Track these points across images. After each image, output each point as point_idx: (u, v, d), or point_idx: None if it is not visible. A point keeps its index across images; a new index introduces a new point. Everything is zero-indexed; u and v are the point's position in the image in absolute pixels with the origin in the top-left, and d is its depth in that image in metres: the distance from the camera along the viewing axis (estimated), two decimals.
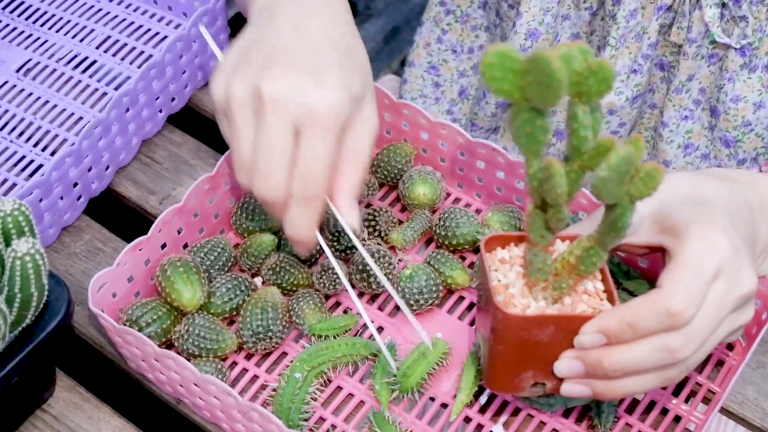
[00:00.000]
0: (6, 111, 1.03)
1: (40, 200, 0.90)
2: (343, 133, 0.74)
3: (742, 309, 0.72)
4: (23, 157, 1.00)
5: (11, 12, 1.12)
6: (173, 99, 1.03)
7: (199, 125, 1.05)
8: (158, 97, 1.01)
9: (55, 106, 1.04)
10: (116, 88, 1.04)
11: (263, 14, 0.78)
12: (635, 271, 0.86)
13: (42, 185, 0.89)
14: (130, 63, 1.07)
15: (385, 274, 0.87)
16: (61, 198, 0.93)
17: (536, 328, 0.70)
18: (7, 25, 1.11)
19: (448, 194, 0.97)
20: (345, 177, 0.75)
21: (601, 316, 0.70)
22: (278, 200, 0.74)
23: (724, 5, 0.92)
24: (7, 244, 0.74)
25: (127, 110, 0.97)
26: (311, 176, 0.73)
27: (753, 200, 0.77)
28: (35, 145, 1.01)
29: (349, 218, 0.76)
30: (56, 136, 1.01)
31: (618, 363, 0.69)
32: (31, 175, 0.98)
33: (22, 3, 1.12)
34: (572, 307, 0.71)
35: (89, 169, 0.95)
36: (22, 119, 1.03)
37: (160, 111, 1.02)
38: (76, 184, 0.94)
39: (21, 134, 1.02)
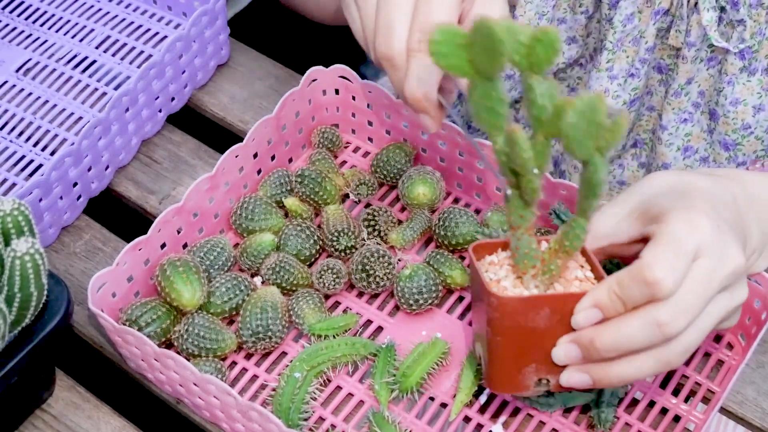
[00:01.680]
0: (6, 111, 1.03)
1: (40, 200, 0.90)
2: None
3: (734, 288, 0.73)
4: (23, 157, 1.00)
5: (11, 12, 1.12)
6: (173, 99, 1.03)
7: (199, 125, 1.05)
8: (158, 97, 1.01)
9: (54, 105, 1.04)
10: (116, 88, 1.04)
11: None
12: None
13: (41, 185, 0.89)
14: (130, 63, 1.07)
15: (384, 274, 0.87)
16: (61, 198, 0.93)
17: (532, 311, 0.71)
18: (7, 24, 1.11)
19: (448, 194, 0.97)
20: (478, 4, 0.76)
21: (592, 290, 0.71)
22: (400, 55, 0.75)
23: (722, 9, 0.91)
24: (7, 243, 0.74)
25: (127, 110, 0.97)
26: (431, 22, 0.73)
27: (739, 196, 0.77)
28: (35, 145, 1.01)
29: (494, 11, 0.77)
30: (56, 135, 1.01)
31: (610, 341, 0.70)
32: (31, 175, 0.98)
33: (22, 3, 1.12)
34: (564, 290, 0.72)
35: (89, 169, 0.95)
36: (22, 119, 1.03)
37: (160, 111, 1.02)
38: (75, 184, 0.94)
39: (21, 134, 1.02)
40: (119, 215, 0.99)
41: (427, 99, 0.77)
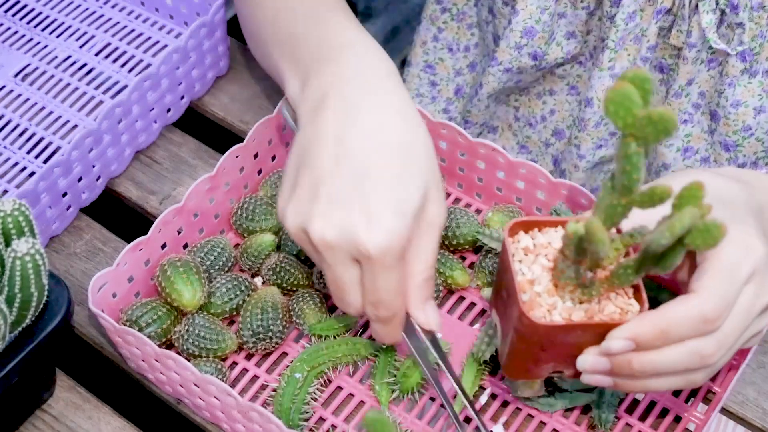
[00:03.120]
0: (2, 116, 1.02)
1: None
2: (406, 251, 0.72)
3: (764, 315, 0.72)
4: (16, 164, 0.99)
5: (13, 15, 1.11)
6: (169, 110, 1.02)
7: (199, 126, 1.05)
8: (153, 108, 0.99)
9: (51, 112, 1.03)
10: (113, 97, 1.03)
11: (309, 117, 0.75)
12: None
13: (29, 194, 0.88)
14: (129, 71, 1.06)
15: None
16: (50, 207, 0.92)
17: (561, 333, 0.69)
18: (9, 28, 1.10)
19: (449, 194, 0.97)
20: (413, 288, 0.74)
21: (633, 324, 0.68)
22: (361, 316, 0.76)
23: (722, 12, 0.91)
24: (7, 244, 0.74)
25: (120, 121, 0.96)
26: (383, 305, 0.73)
27: (765, 204, 0.75)
28: (29, 152, 1.00)
29: (427, 323, 0.76)
30: (50, 143, 1.00)
31: (649, 365, 0.68)
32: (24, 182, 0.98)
33: (24, 6, 1.11)
34: (601, 307, 0.69)
35: (79, 180, 0.94)
36: (18, 125, 1.02)
37: (155, 122, 1.01)
38: (65, 194, 0.94)
39: (15, 141, 1.01)
40: (120, 215, 0.99)
41: (393, 343, 0.78)
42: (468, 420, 0.83)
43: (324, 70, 0.77)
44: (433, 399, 0.85)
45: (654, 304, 0.80)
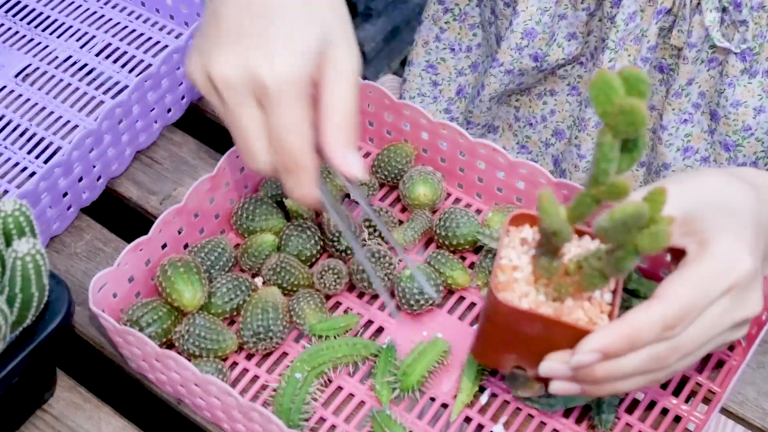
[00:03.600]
0: (2, 116, 1.03)
1: None
2: (315, 89, 0.72)
3: (739, 328, 0.71)
4: (16, 164, 0.99)
5: (14, 15, 1.11)
6: (169, 110, 1.02)
7: (199, 126, 1.05)
8: (153, 109, 0.99)
9: (51, 113, 1.03)
10: (113, 97, 1.03)
11: None
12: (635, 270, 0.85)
13: (30, 195, 0.88)
14: (129, 71, 1.06)
15: (385, 275, 0.87)
16: (50, 207, 0.92)
17: (524, 320, 0.70)
18: (9, 28, 1.10)
19: (449, 194, 0.97)
20: (330, 131, 0.72)
21: (601, 335, 0.67)
22: (271, 173, 0.73)
23: (724, 10, 0.91)
24: (8, 244, 0.74)
25: (120, 121, 0.96)
26: (286, 148, 0.71)
27: None
28: (29, 153, 1.00)
29: (348, 170, 0.73)
30: (50, 143, 1.00)
31: (610, 373, 0.68)
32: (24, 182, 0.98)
33: (25, 6, 1.12)
34: (569, 310, 0.70)
35: (80, 180, 0.94)
36: (18, 125, 1.02)
37: (156, 122, 1.01)
38: (65, 194, 0.94)
39: (15, 141, 1.01)
40: (120, 216, 0.99)
41: (310, 202, 0.75)
42: (468, 420, 0.84)
43: None
44: (433, 399, 0.85)
45: (631, 295, 0.80)
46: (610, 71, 0.61)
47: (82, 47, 1.08)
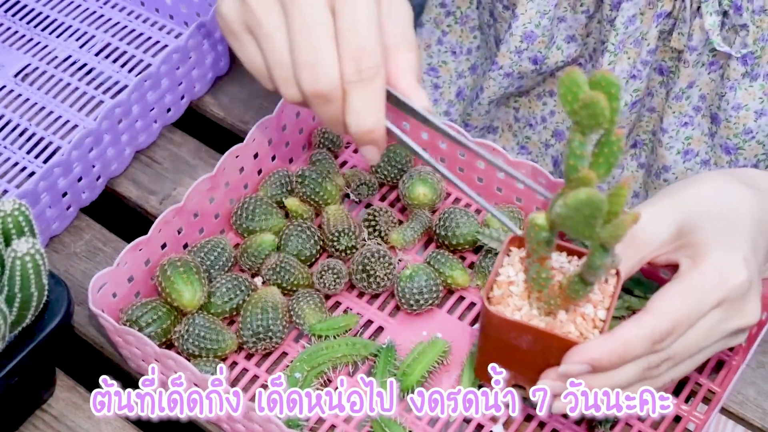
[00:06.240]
0: (2, 116, 1.03)
1: None
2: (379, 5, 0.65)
3: (735, 336, 0.71)
4: (16, 164, 0.99)
5: (13, 15, 1.11)
6: (169, 110, 1.02)
7: (199, 125, 1.05)
8: (153, 108, 0.99)
9: (51, 113, 1.03)
10: (113, 97, 1.03)
11: None
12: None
13: (29, 194, 0.88)
14: (129, 71, 1.06)
15: (384, 274, 0.87)
16: (50, 207, 0.92)
17: (515, 332, 0.69)
18: (9, 28, 1.10)
19: (448, 194, 0.97)
20: (399, 57, 0.67)
21: (590, 347, 0.67)
22: (334, 90, 0.65)
23: (725, 13, 0.91)
24: (7, 244, 0.74)
25: (120, 121, 0.96)
26: (362, 47, 0.64)
27: None
28: (29, 152, 1.00)
29: (420, 100, 0.68)
30: (50, 143, 1.00)
31: (602, 384, 0.68)
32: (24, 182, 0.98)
33: (24, 6, 1.12)
34: (562, 324, 0.69)
35: (79, 179, 0.94)
36: (18, 125, 1.02)
37: (155, 122, 1.01)
38: (65, 194, 0.94)
39: (15, 141, 1.01)
40: (120, 215, 0.99)
41: (376, 129, 0.68)
42: (468, 420, 0.84)
43: None
44: (433, 398, 0.85)
45: (631, 294, 0.79)
46: (575, 70, 0.60)
47: (81, 47, 1.08)
